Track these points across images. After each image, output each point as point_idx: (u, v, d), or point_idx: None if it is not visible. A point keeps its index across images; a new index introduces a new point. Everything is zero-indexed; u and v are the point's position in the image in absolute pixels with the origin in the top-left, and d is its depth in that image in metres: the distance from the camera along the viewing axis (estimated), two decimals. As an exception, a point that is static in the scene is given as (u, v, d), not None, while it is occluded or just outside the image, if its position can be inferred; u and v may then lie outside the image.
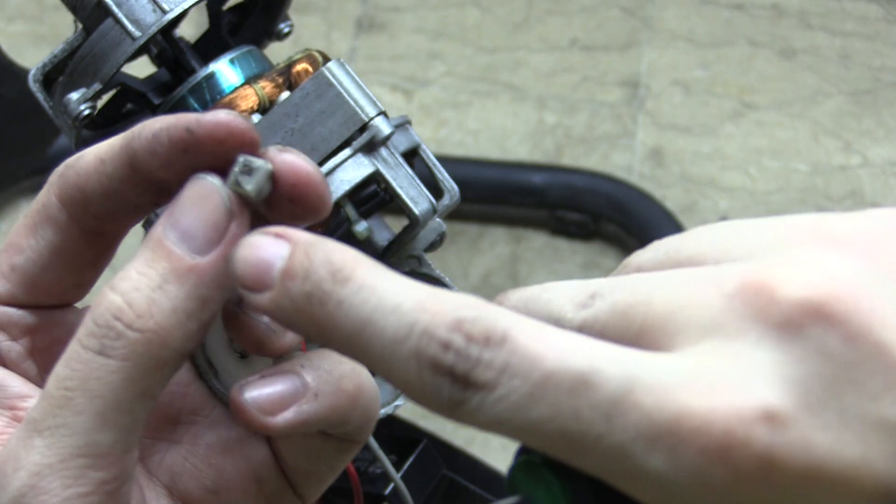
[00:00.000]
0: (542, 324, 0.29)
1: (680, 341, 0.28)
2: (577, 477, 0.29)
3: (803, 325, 0.27)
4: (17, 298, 0.39)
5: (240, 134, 0.34)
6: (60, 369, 0.33)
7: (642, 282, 0.30)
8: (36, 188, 1.37)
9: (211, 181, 0.34)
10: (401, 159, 0.54)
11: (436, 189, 0.56)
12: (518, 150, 1.48)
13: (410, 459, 0.60)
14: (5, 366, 0.39)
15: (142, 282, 0.33)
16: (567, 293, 0.32)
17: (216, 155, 0.34)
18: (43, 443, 0.33)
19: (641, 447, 0.26)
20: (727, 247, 0.30)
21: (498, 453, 1.15)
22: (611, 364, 0.27)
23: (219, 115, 0.34)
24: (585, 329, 0.30)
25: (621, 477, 0.27)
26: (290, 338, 0.37)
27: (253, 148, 0.35)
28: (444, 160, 0.57)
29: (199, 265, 0.33)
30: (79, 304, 0.42)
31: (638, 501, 0.28)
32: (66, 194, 0.37)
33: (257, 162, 0.34)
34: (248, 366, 0.41)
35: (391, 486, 0.59)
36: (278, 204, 0.35)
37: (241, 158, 0.34)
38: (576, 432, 0.27)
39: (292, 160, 0.34)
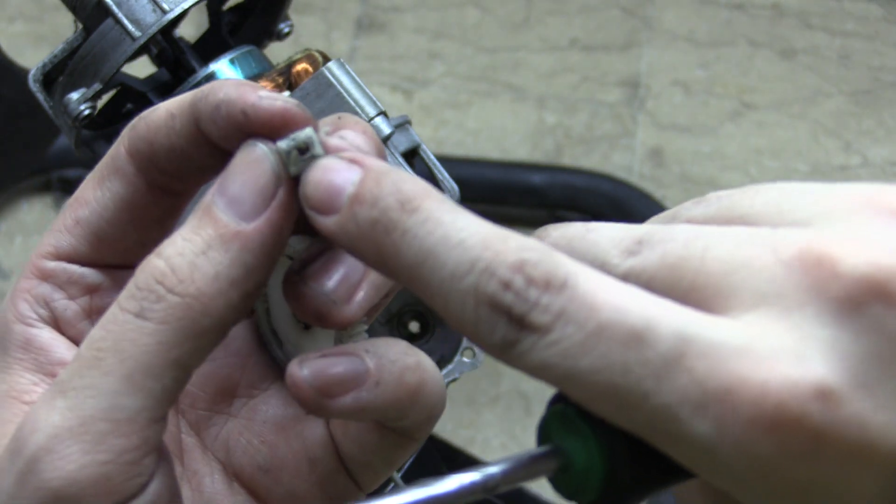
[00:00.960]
0: (603, 275, 0.28)
1: (734, 304, 0.27)
2: (612, 430, 0.28)
3: (864, 303, 0.26)
4: (80, 253, 0.38)
5: (295, 122, 0.34)
6: (95, 331, 0.32)
7: (695, 235, 0.29)
8: (36, 188, 1.38)
9: (261, 148, 0.33)
10: (401, 159, 0.54)
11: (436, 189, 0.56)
12: (518, 150, 1.48)
13: (410, 459, 0.60)
14: (59, 326, 0.37)
15: (186, 247, 0.32)
16: (614, 236, 0.31)
17: (270, 133, 0.34)
18: (65, 404, 0.31)
19: (688, 411, 0.26)
20: (784, 209, 0.29)
21: (498, 453, 1.15)
22: (667, 323, 0.27)
23: (276, 104, 0.33)
24: (631, 278, 0.29)
25: (663, 438, 0.27)
26: (352, 310, 0.36)
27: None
28: (444, 160, 0.57)
29: (245, 231, 0.32)
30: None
31: (673, 461, 0.27)
32: (135, 146, 0.36)
33: (316, 147, 0.33)
34: (313, 338, 0.40)
35: (391, 485, 0.59)
36: None
37: (301, 135, 0.33)
38: (623, 387, 0.27)
39: (346, 152, 0.33)
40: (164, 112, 0.36)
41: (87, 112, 0.53)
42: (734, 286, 0.27)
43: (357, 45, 1.59)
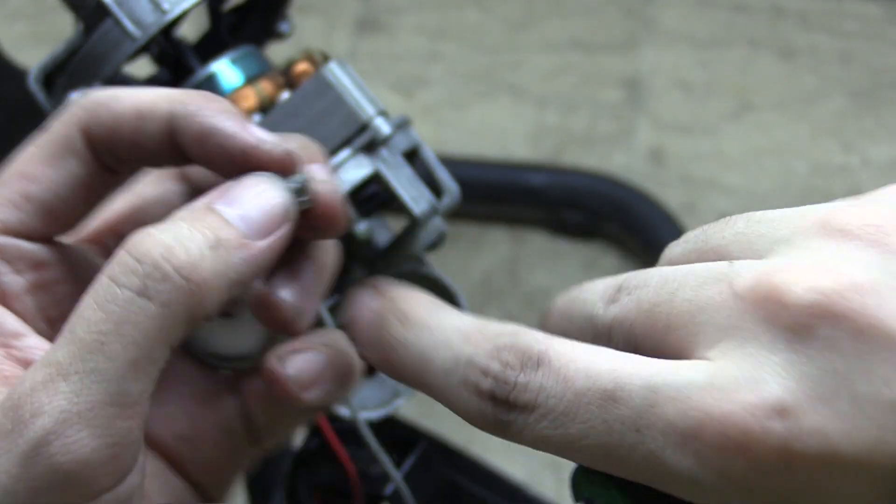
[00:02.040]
0: (573, 343, 0.31)
1: (703, 343, 0.29)
2: (632, 489, 0.31)
3: (813, 327, 0.28)
4: (30, 229, 0.38)
5: (293, 166, 0.37)
6: (91, 311, 0.32)
7: (665, 279, 0.31)
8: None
9: (277, 186, 0.36)
10: (401, 159, 0.54)
11: (436, 189, 0.56)
12: (518, 150, 1.48)
13: (410, 459, 0.60)
14: (4, 301, 0.38)
15: (195, 236, 0.33)
16: (598, 289, 0.34)
17: (264, 170, 0.36)
18: (70, 388, 0.32)
19: (671, 453, 0.29)
20: (750, 240, 0.32)
21: (498, 454, 1.15)
22: (635, 377, 0.29)
23: (278, 150, 0.36)
24: (616, 326, 0.32)
25: (659, 480, 0.29)
26: (311, 318, 0.38)
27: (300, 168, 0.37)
28: (444, 160, 0.57)
29: (251, 244, 0.34)
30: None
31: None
32: (96, 133, 0.37)
33: (309, 188, 0.37)
34: (231, 325, 0.42)
35: (391, 486, 0.59)
36: (308, 220, 0.37)
37: (299, 179, 0.37)
38: (611, 445, 0.29)
39: (332, 193, 0.38)
40: (132, 109, 0.37)
41: (87, 112, 0.53)
42: (700, 325, 0.30)
43: (357, 45, 1.59)
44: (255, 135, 0.36)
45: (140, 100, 0.37)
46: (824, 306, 0.28)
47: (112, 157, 0.38)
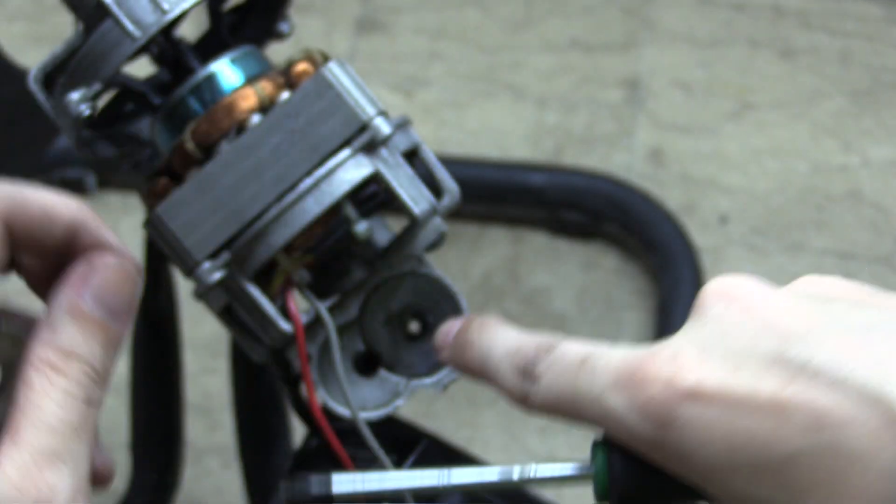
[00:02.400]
0: (582, 342, 0.44)
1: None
2: (615, 449, 0.41)
3: (709, 304, 0.41)
4: None
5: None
6: (61, 412, 0.40)
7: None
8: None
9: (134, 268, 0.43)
10: (401, 159, 0.54)
11: (436, 189, 0.56)
12: (518, 150, 1.48)
13: (411, 459, 0.60)
14: None
15: (94, 348, 0.42)
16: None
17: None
18: (69, 471, 0.39)
19: (609, 395, 0.40)
20: None
21: (499, 453, 1.15)
22: (600, 351, 0.42)
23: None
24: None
25: (600, 418, 0.41)
26: None
27: None
28: (444, 160, 0.57)
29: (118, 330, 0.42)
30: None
31: (657, 471, 0.40)
32: (14, 225, 0.42)
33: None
34: None
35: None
36: None
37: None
38: (580, 394, 0.42)
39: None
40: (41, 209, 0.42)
41: (87, 112, 0.53)
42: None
43: (357, 45, 1.59)
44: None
45: (47, 201, 0.42)
46: (721, 290, 0.41)
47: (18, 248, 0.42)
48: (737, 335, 0.39)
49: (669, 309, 1.30)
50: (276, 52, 0.59)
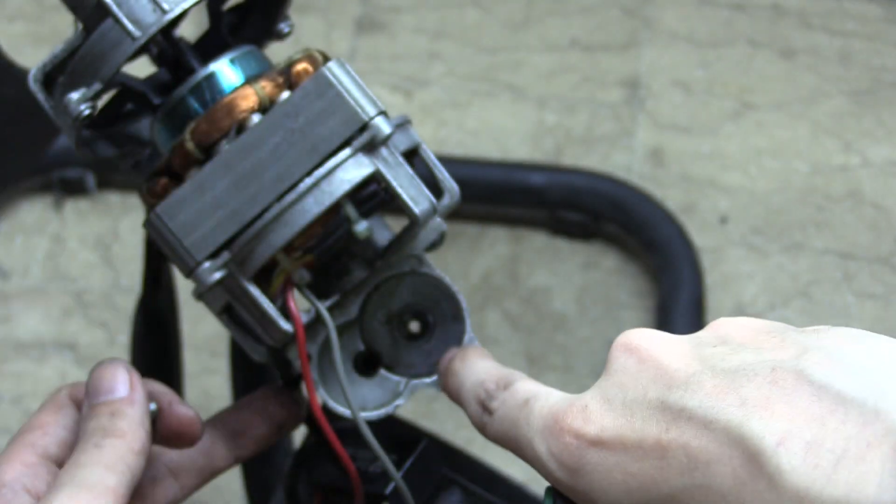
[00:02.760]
0: (534, 382, 0.49)
1: None
2: (560, 495, 0.44)
3: (616, 357, 0.44)
4: None
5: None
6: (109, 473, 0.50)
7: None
8: (36, 188, 1.37)
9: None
10: (401, 159, 0.54)
11: (436, 189, 0.56)
12: (518, 150, 1.48)
13: (411, 459, 0.60)
14: None
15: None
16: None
17: None
18: None
19: (537, 440, 0.45)
20: None
21: (498, 454, 1.15)
22: (543, 394, 0.47)
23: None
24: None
25: (533, 463, 0.45)
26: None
27: None
28: (444, 160, 0.57)
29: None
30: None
31: None
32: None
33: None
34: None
35: (391, 485, 0.59)
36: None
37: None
38: (517, 434, 0.47)
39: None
40: None
41: (87, 112, 0.53)
42: None
43: (357, 45, 1.59)
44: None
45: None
46: (625, 343, 0.44)
47: None
48: (632, 385, 0.42)
49: (669, 309, 1.30)
50: (276, 52, 0.59)
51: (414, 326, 0.60)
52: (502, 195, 1.40)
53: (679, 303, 1.31)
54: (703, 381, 0.40)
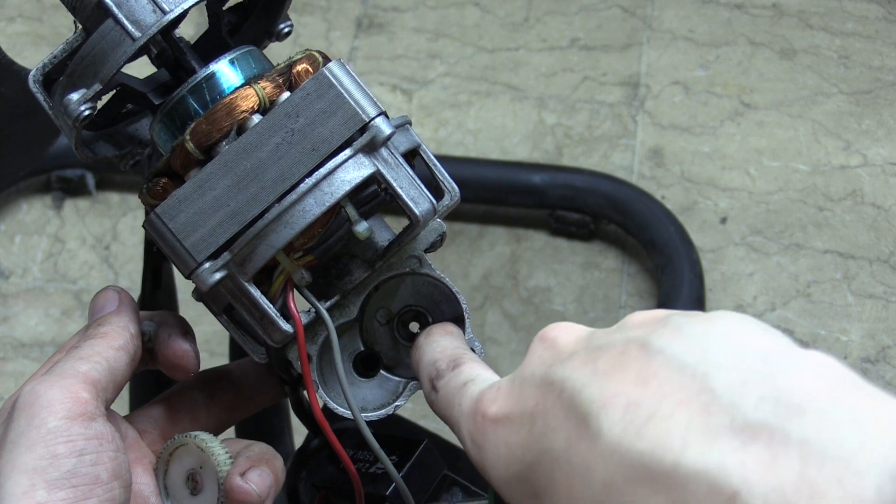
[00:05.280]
0: (474, 362, 0.52)
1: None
2: None
3: (533, 347, 0.46)
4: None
5: None
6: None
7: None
8: (36, 188, 1.37)
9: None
10: (401, 160, 0.54)
11: (436, 189, 0.56)
12: (518, 150, 1.48)
13: (412, 460, 0.60)
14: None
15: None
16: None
17: None
18: None
19: (462, 421, 0.47)
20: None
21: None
22: (480, 378, 0.49)
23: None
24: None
25: (461, 443, 0.47)
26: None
27: None
28: (444, 160, 0.57)
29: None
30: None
31: None
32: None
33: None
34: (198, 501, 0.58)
35: (392, 486, 0.59)
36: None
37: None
38: (450, 413, 0.49)
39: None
40: None
41: (87, 113, 0.53)
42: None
43: (357, 44, 1.59)
44: None
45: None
46: (542, 334, 0.46)
47: None
48: (533, 366, 0.45)
49: (669, 309, 1.30)
50: (276, 51, 0.59)
51: (414, 327, 0.60)
52: (502, 195, 1.40)
53: (679, 303, 1.30)
54: (576, 356, 0.42)
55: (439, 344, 0.55)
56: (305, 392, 0.58)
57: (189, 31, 0.61)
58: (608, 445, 0.37)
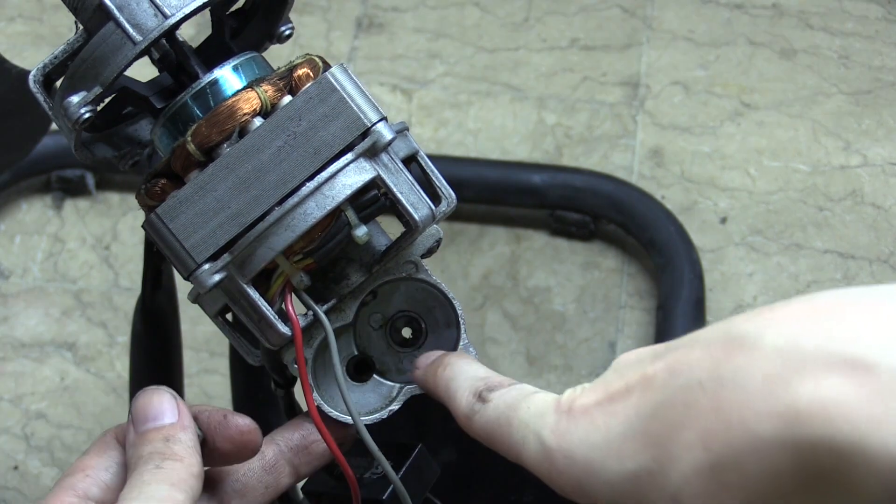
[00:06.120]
0: (522, 386, 0.51)
1: None
2: None
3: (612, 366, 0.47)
4: None
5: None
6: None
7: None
8: (35, 188, 1.37)
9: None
10: (401, 165, 0.54)
11: (433, 195, 0.56)
12: (518, 150, 1.48)
13: (406, 464, 0.60)
14: None
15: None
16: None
17: None
18: None
19: (535, 420, 0.47)
20: None
21: (498, 454, 1.15)
22: (529, 399, 0.49)
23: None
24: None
25: (523, 442, 0.47)
26: None
27: None
28: (444, 160, 0.57)
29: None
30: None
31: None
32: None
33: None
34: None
35: (389, 490, 0.59)
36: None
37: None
38: (516, 416, 0.48)
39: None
40: None
41: (87, 115, 0.53)
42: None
43: (357, 45, 1.59)
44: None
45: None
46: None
47: None
48: (619, 364, 0.46)
49: (669, 309, 1.30)
50: (276, 51, 0.59)
51: (406, 332, 0.60)
52: (502, 195, 1.40)
53: (679, 303, 1.30)
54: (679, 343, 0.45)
55: (478, 366, 0.54)
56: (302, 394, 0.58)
57: (189, 31, 0.61)
58: (773, 346, 0.38)
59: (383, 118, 0.53)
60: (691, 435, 0.40)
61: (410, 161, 0.56)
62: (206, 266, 0.53)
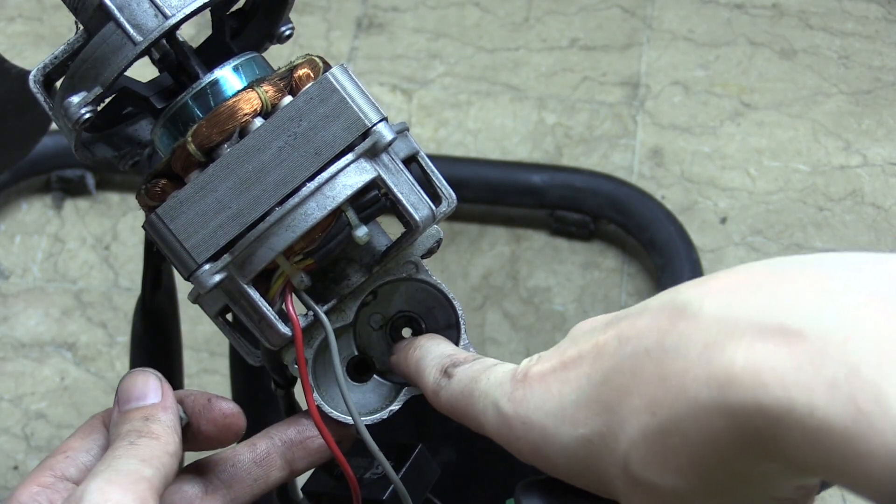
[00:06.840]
0: (484, 360, 0.52)
1: None
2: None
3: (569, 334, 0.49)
4: None
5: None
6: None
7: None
8: (35, 188, 1.37)
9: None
10: (401, 165, 0.54)
11: (433, 196, 0.56)
12: (518, 150, 1.48)
13: (406, 464, 0.60)
14: None
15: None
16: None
17: None
18: None
19: (494, 388, 0.49)
20: None
21: (498, 454, 1.15)
22: (485, 377, 0.50)
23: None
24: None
25: (483, 413, 0.49)
26: None
27: None
28: (444, 160, 0.57)
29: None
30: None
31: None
32: None
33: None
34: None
35: (389, 490, 0.59)
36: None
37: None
38: (477, 387, 0.50)
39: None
40: None
41: (87, 116, 0.53)
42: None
43: (357, 45, 1.59)
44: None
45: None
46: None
47: None
48: (574, 332, 0.47)
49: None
50: (276, 51, 0.59)
51: (406, 332, 0.60)
52: (502, 195, 1.40)
53: (679, 303, 1.30)
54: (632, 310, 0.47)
55: (446, 345, 0.55)
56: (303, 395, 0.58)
57: (190, 31, 0.61)
58: (712, 314, 0.40)
59: (384, 118, 0.53)
60: (638, 401, 0.41)
61: (411, 161, 0.56)
62: (207, 266, 0.53)
